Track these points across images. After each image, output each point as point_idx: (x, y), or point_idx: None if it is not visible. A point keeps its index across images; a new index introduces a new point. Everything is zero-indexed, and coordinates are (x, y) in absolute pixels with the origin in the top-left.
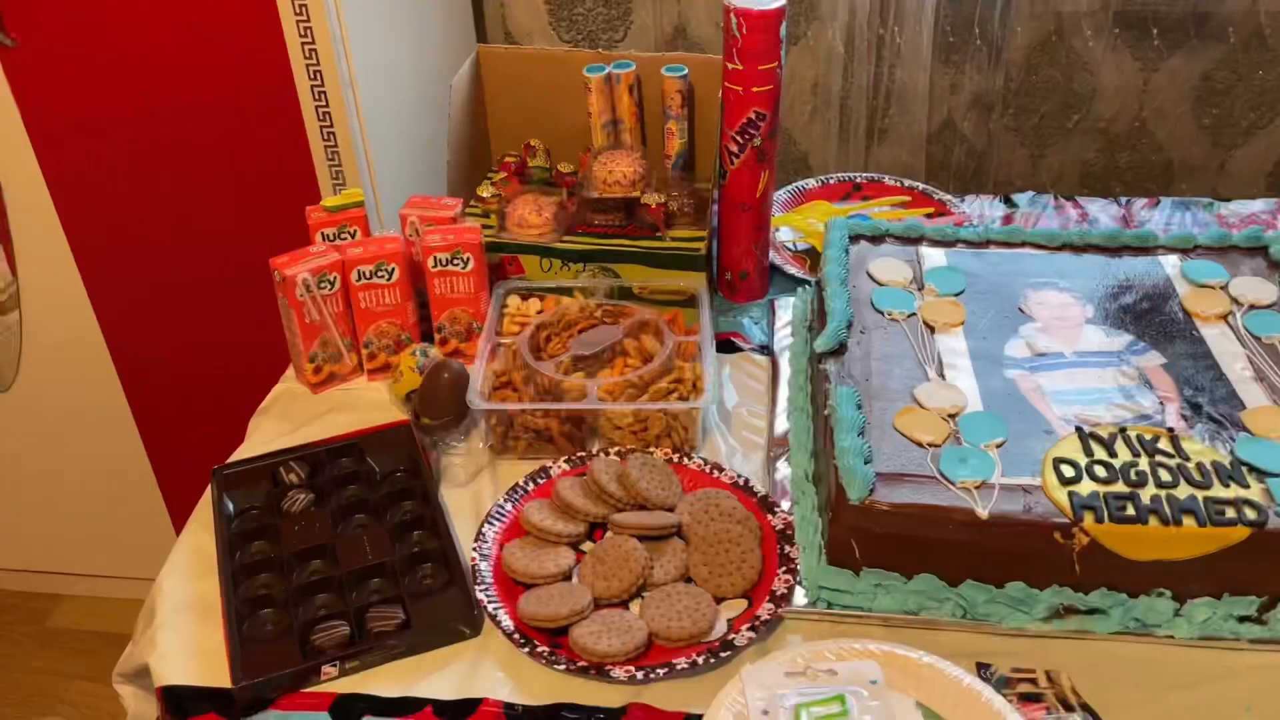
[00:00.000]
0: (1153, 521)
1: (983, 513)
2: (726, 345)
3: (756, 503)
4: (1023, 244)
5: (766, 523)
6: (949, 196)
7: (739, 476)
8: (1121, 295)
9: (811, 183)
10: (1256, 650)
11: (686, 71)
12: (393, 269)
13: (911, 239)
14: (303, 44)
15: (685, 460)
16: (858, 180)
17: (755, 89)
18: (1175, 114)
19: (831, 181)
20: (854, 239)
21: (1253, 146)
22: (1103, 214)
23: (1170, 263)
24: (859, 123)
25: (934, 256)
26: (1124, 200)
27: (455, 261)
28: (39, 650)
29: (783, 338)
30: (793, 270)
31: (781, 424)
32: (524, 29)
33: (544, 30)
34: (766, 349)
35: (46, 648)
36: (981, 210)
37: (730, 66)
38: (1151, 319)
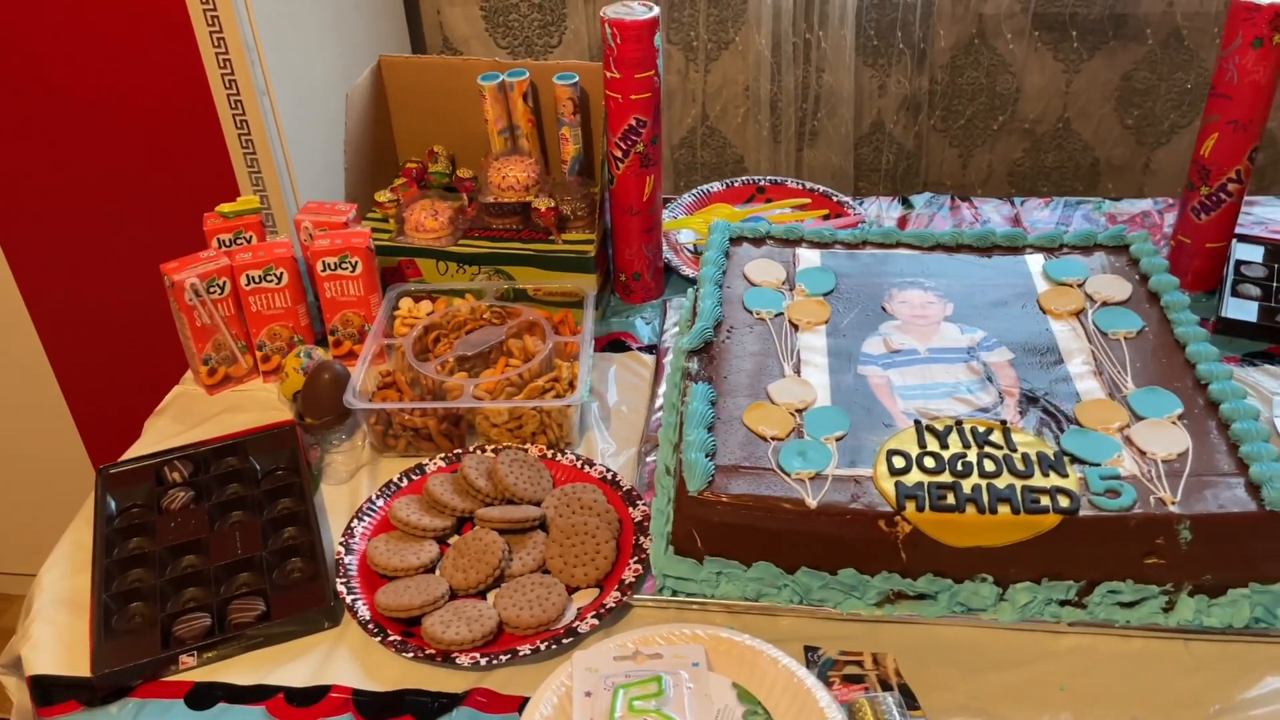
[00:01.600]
0: (970, 510)
1: (812, 503)
2: (617, 345)
3: (621, 496)
4: (897, 245)
5: (628, 515)
6: (848, 199)
7: (608, 471)
8: (983, 293)
9: (716, 185)
10: (1076, 633)
11: (577, 79)
12: (281, 273)
13: (791, 241)
14: (216, 54)
15: (559, 456)
16: (761, 183)
17: (634, 96)
18: (1099, 114)
19: (736, 184)
20: (736, 241)
21: (1176, 145)
22: (996, 214)
23: (1035, 262)
24: (789, 125)
25: (809, 258)
26: (1017, 200)
27: (344, 265)
28: None
29: (670, 337)
30: (689, 272)
31: (656, 420)
32: (461, 36)
33: (481, 37)
34: (654, 348)
35: None
36: (879, 212)
37: (609, 75)
38: (1007, 316)
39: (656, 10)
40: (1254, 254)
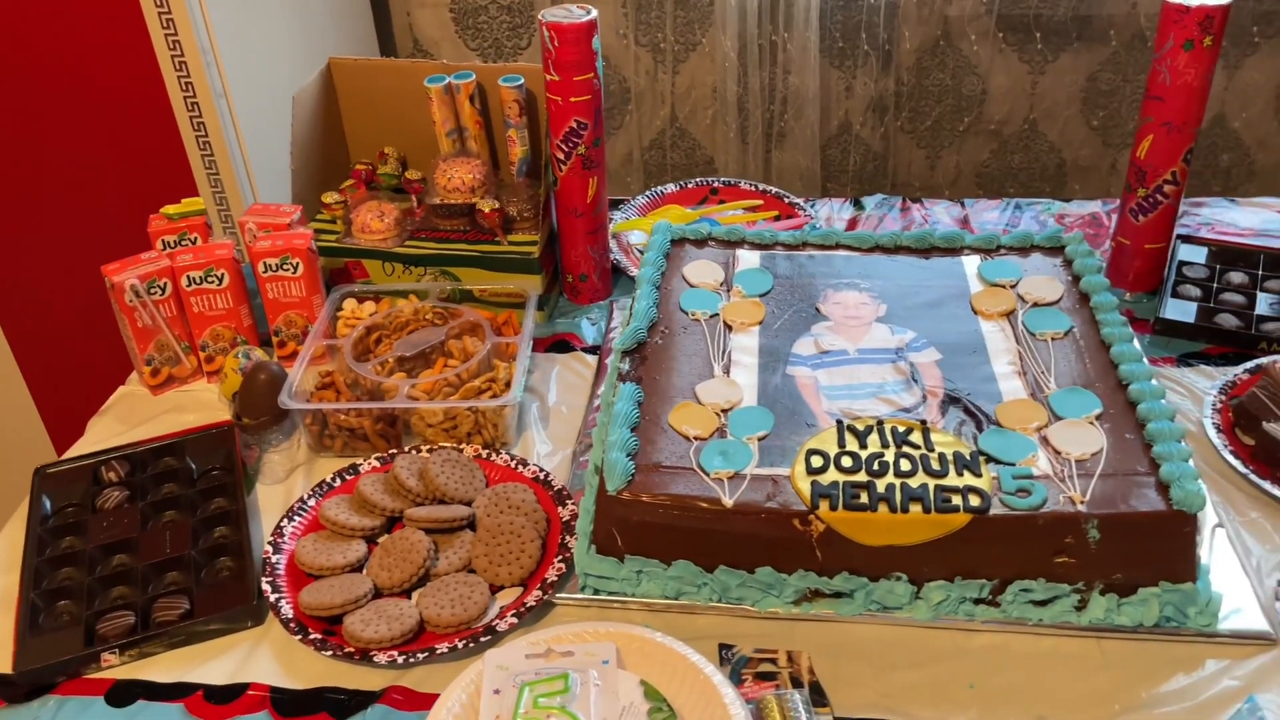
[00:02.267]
0: (882, 509)
1: (728, 502)
2: (562, 345)
3: (552, 496)
4: (836, 246)
5: (556, 515)
6: (799, 200)
7: (541, 471)
8: (917, 294)
9: (670, 187)
10: (990, 631)
11: (522, 81)
12: (223, 274)
13: (732, 242)
14: (173, 57)
15: (493, 456)
16: (715, 185)
17: (574, 99)
18: (1064, 115)
19: (689, 185)
20: (679, 242)
21: None
22: (946, 215)
23: (972, 263)
24: (757, 127)
25: (748, 259)
26: (968, 202)
27: (285, 266)
28: None
29: (614, 338)
30: (637, 273)
31: (593, 420)
32: (431, 39)
33: (451, 39)
34: (598, 349)
35: None
36: (830, 214)
37: (549, 78)
38: (938, 317)
39: (595, 13)
40: (1197, 255)
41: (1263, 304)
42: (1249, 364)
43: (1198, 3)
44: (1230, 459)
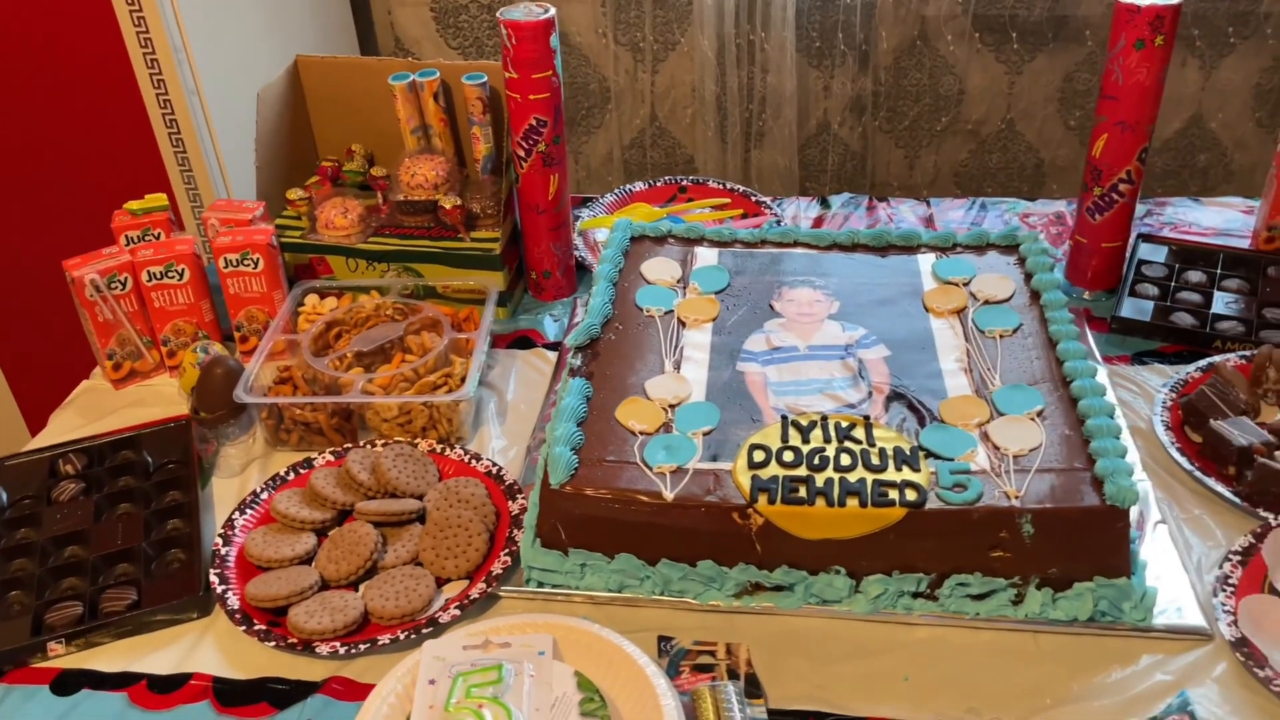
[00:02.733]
0: (820, 503)
1: (669, 495)
2: (523, 342)
3: (504, 490)
4: (794, 244)
5: (507, 509)
6: (766, 199)
7: (494, 465)
8: (871, 292)
9: (639, 185)
10: (928, 625)
11: (485, 79)
12: (183, 269)
13: (691, 239)
14: (145, 54)
15: (448, 451)
16: (683, 183)
17: (533, 96)
18: (1041, 115)
19: (659, 184)
20: (639, 239)
21: None
22: (911, 214)
23: (927, 261)
24: (735, 126)
25: (706, 256)
26: (932, 202)
27: (245, 262)
28: None
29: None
30: None
31: (548, 416)
32: (413, 37)
33: (432, 38)
34: (559, 345)
35: None
36: (797, 212)
37: (508, 75)
38: (890, 314)
39: (553, 11)
40: (1158, 254)
41: (1219, 303)
42: (1201, 362)
43: (1148, 2)
44: (1177, 456)
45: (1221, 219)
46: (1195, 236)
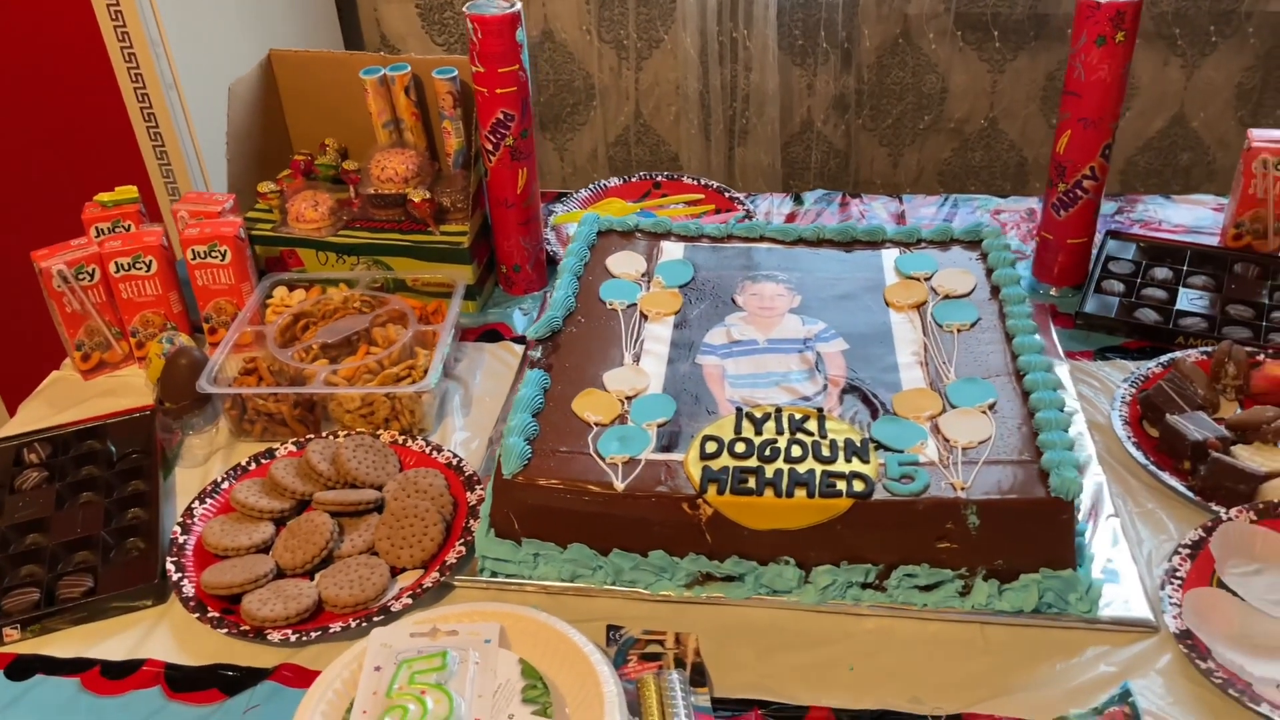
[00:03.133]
0: (768, 493)
1: (620, 485)
2: (492, 335)
3: (463, 481)
4: (760, 239)
5: (465, 500)
6: (740, 195)
7: (455, 457)
8: (833, 287)
9: (614, 181)
10: (877, 615)
11: (455, 73)
12: (150, 261)
13: (658, 234)
14: (122, 49)
15: (410, 442)
16: (658, 179)
17: (499, 90)
18: (1024, 114)
19: (633, 180)
20: (606, 234)
21: None
22: (884, 211)
23: (891, 256)
24: (719, 123)
25: (672, 250)
26: (905, 198)
27: (213, 254)
28: None
29: None
30: None
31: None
32: (398, 33)
33: (417, 35)
34: (525, 339)
35: None
36: (770, 208)
37: (474, 69)
38: (851, 309)
39: (518, 6)
40: (1125, 251)
41: (1184, 299)
42: (1163, 358)
43: None
44: (1133, 450)
45: (1192, 216)
46: (1165, 234)
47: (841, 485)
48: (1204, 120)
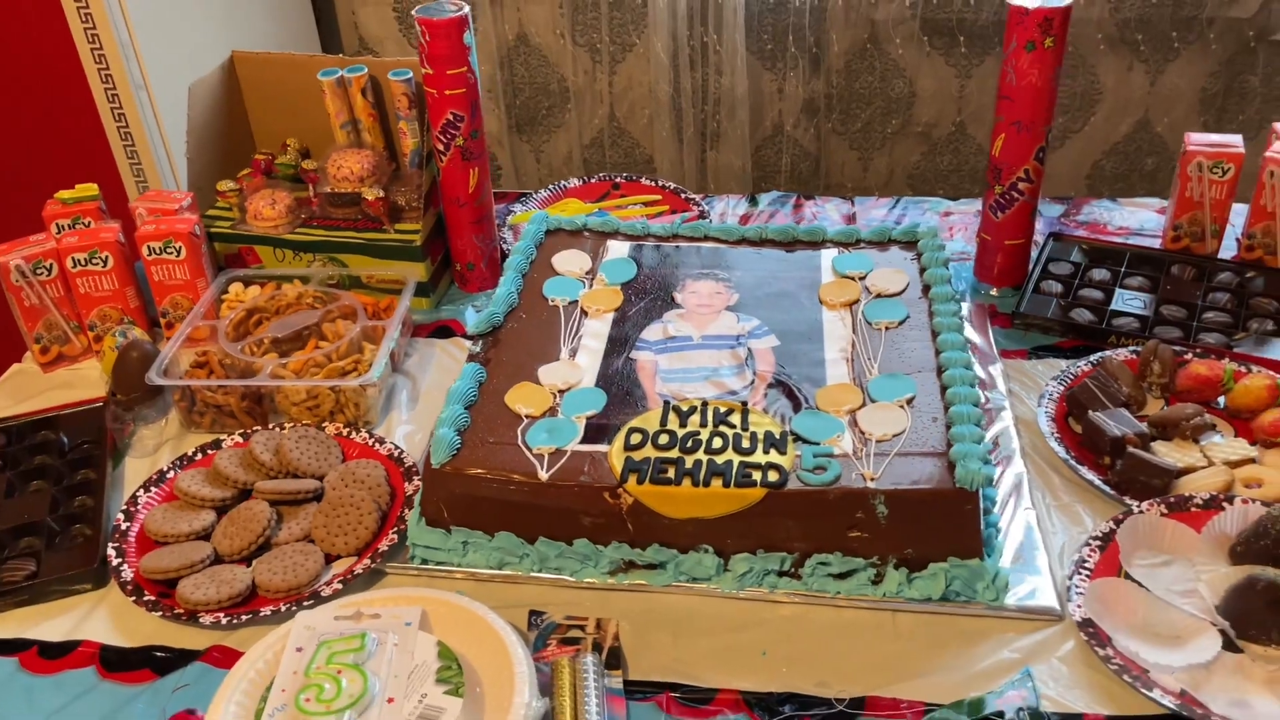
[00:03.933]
0: (685, 483)
1: (544, 475)
2: (444, 331)
3: (403, 472)
4: (705, 238)
5: (403, 490)
6: (695, 196)
7: (396, 448)
8: (771, 285)
9: (574, 181)
10: (794, 603)
11: (411, 75)
12: (106, 256)
13: (605, 233)
14: (92, 50)
15: (354, 434)
16: (617, 180)
17: (448, 92)
18: (991, 119)
19: (593, 180)
20: (554, 233)
21: (1070, 149)
22: (836, 213)
23: (829, 256)
24: (690, 126)
25: (617, 249)
26: (857, 200)
27: (168, 250)
28: None
29: None
30: None
31: None
32: (375, 37)
33: (395, 38)
34: None
35: None
36: (726, 209)
37: (425, 71)
38: (786, 307)
39: (466, 9)
40: (1067, 252)
41: (1119, 300)
42: (1093, 357)
43: (1038, 5)
44: (1055, 446)
45: (1136, 220)
46: (1109, 236)
47: (757, 475)
48: (1168, 125)
